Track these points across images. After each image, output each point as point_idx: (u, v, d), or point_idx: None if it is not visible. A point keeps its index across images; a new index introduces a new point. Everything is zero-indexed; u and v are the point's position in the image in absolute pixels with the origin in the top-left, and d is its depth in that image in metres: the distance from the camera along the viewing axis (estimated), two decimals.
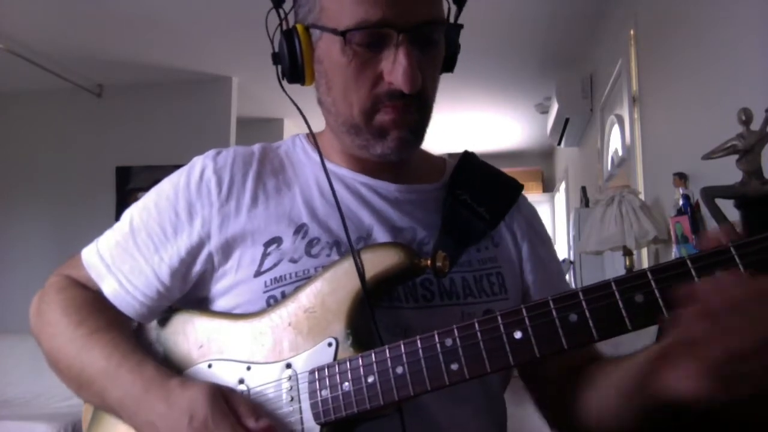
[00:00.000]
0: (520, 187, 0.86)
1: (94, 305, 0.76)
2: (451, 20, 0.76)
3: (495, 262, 0.78)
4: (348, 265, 0.66)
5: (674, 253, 1.85)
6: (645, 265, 2.57)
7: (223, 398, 0.63)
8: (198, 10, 3.51)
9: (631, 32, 2.82)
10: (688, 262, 0.49)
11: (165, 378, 0.66)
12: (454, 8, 0.76)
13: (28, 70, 4.00)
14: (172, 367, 0.71)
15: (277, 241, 0.73)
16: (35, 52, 3.87)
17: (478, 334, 0.55)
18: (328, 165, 0.78)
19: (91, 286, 0.78)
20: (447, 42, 0.76)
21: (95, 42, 3.90)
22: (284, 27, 0.74)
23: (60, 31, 3.73)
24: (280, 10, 0.75)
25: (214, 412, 0.61)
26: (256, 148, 0.82)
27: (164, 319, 0.76)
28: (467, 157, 0.87)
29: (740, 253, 0.48)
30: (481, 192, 0.81)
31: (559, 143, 4.54)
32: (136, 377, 0.67)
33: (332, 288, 0.66)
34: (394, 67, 0.67)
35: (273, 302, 0.70)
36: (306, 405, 0.62)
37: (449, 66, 0.79)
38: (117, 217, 0.82)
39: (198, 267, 0.76)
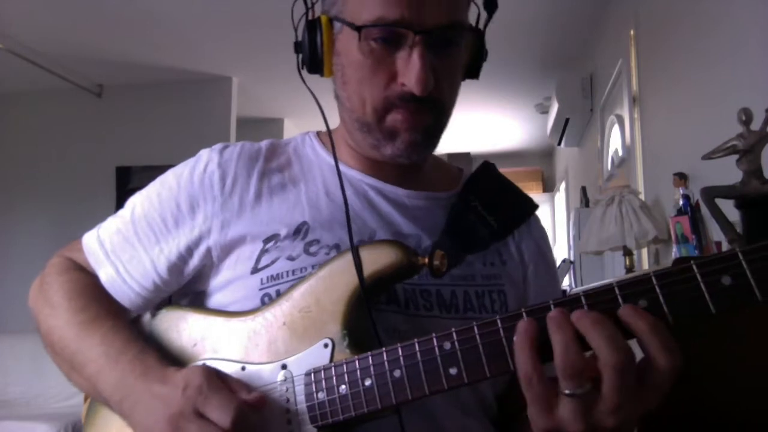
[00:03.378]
0: (535, 206, 0.85)
1: (95, 291, 0.76)
2: (481, 27, 0.75)
3: (499, 280, 0.77)
4: (344, 264, 0.64)
5: (674, 253, 1.84)
6: (645, 265, 2.56)
7: (218, 375, 0.63)
8: (198, 10, 3.51)
9: (631, 32, 2.82)
10: (694, 267, 0.49)
11: (165, 366, 0.66)
12: (483, 14, 0.75)
13: (28, 70, 4.01)
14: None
15: (275, 238, 0.72)
16: (35, 52, 3.86)
17: (478, 338, 0.54)
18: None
19: (91, 270, 0.78)
20: (472, 48, 0.75)
21: (95, 42, 3.90)
22: (310, 17, 0.74)
23: (60, 31, 3.73)
24: (308, 1, 0.74)
25: (210, 381, 0.61)
26: (264, 144, 0.81)
27: (157, 314, 0.75)
28: (486, 166, 0.86)
29: (748, 258, 0.47)
30: (494, 202, 0.80)
31: (559, 143, 4.53)
32: (136, 364, 0.67)
33: (328, 287, 0.65)
34: (408, 69, 0.66)
35: (267, 300, 0.69)
36: (302, 407, 0.61)
37: (474, 72, 0.78)
38: None
39: (196, 262, 0.75)
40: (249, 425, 0.59)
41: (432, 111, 0.70)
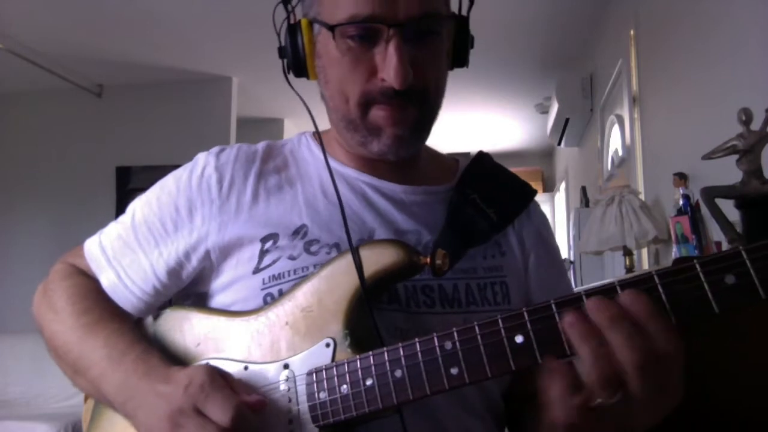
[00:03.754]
0: (533, 192, 0.84)
1: (98, 295, 0.76)
2: (463, 14, 0.75)
3: (501, 271, 0.77)
4: (346, 263, 0.64)
5: (674, 252, 1.84)
6: (645, 265, 2.56)
7: (221, 374, 0.63)
8: (198, 10, 3.51)
9: (631, 32, 2.82)
10: (697, 266, 0.48)
11: (168, 365, 0.66)
12: (466, 1, 0.75)
13: (28, 70, 4.00)
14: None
15: (274, 238, 0.72)
16: (35, 52, 3.86)
17: (479, 337, 0.54)
18: (333, 163, 0.77)
19: (93, 275, 0.79)
20: (455, 35, 0.74)
21: (95, 42, 3.90)
22: (292, 21, 0.74)
23: (60, 31, 3.73)
24: (288, 5, 0.74)
25: (212, 380, 0.61)
26: (261, 146, 0.82)
27: (160, 315, 0.76)
28: (481, 157, 0.86)
29: (752, 257, 0.47)
30: (492, 193, 0.79)
31: (559, 143, 4.54)
32: (139, 364, 0.67)
33: (330, 286, 0.65)
34: (385, 63, 0.66)
35: (270, 300, 0.69)
36: (304, 407, 0.61)
37: (462, 61, 0.77)
38: (117, 218, 0.82)
39: (195, 264, 0.75)
40: (248, 426, 0.59)
41: (417, 104, 0.70)
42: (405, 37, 0.66)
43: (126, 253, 0.77)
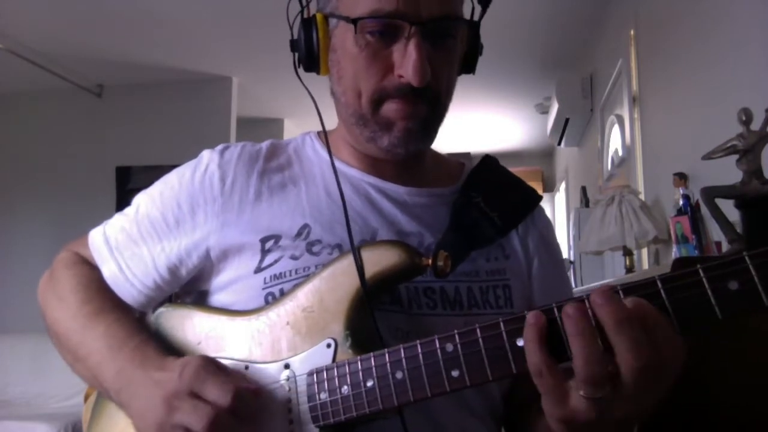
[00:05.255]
0: (539, 198, 0.84)
1: (101, 285, 0.77)
2: (475, 21, 0.75)
3: (504, 275, 0.76)
4: (347, 264, 0.64)
5: (674, 253, 1.84)
6: (645, 265, 2.56)
7: (215, 362, 0.64)
8: (199, 10, 3.50)
9: (631, 32, 2.82)
10: (700, 271, 0.48)
11: (164, 355, 0.67)
12: (478, 8, 0.75)
13: (28, 70, 4.00)
14: None
15: (276, 238, 0.73)
16: (35, 52, 3.86)
17: (480, 340, 0.54)
18: (338, 164, 0.77)
19: (96, 265, 0.80)
20: (468, 41, 0.75)
21: (95, 42, 3.90)
22: (305, 15, 0.74)
23: (60, 31, 3.73)
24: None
25: (206, 366, 0.61)
26: (265, 144, 0.82)
27: (161, 312, 0.76)
28: (487, 160, 0.86)
29: (755, 263, 0.46)
30: (496, 197, 0.79)
31: (559, 143, 4.53)
32: (137, 353, 0.68)
33: (331, 287, 0.65)
34: (405, 60, 0.66)
35: (271, 299, 0.70)
36: (305, 407, 0.62)
37: (470, 67, 0.78)
38: None
39: (195, 262, 0.76)
40: (248, 409, 0.60)
41: (428, 102, 0.70)
42: (425, 36, 0.67)
43: (128, 245, 0.77)
